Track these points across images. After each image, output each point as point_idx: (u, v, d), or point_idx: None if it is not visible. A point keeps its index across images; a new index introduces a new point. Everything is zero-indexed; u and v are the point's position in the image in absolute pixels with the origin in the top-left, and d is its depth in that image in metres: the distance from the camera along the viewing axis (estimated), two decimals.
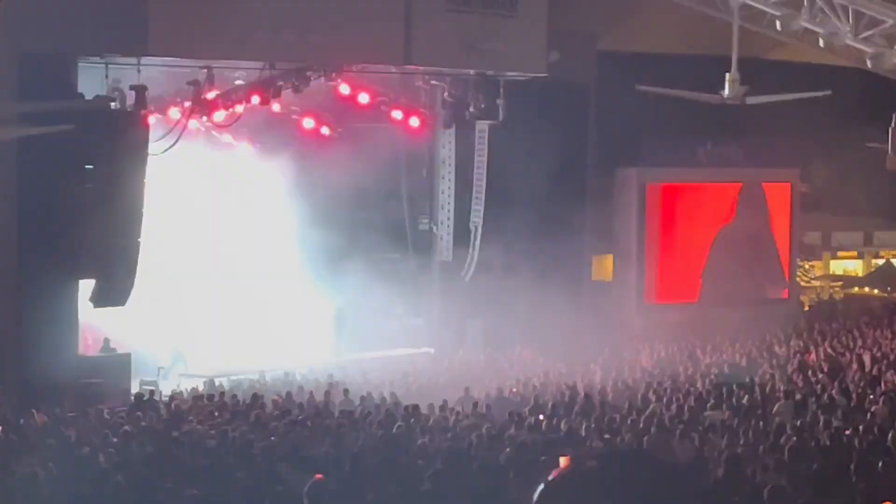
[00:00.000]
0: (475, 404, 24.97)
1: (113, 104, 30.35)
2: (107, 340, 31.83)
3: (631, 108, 38.47)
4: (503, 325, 34.94)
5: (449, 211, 38.89)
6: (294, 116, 35.32)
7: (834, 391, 25.85)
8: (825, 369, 30.55)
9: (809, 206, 47.76)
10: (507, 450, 18.18)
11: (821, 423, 21.36)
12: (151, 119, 31.14)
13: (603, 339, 35.82)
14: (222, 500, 15.83)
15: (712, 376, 29.90)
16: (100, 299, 30.43)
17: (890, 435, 19.25)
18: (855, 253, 53.60)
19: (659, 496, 10.97)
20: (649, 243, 42.14)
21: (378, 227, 36.16)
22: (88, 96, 30.06)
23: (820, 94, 33.11)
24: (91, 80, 30.57)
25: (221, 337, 34.84)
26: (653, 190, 42.22)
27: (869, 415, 22.52)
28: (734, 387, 26.47)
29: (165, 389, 30.04)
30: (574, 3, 36.91)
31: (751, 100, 31.78)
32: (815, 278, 51.83)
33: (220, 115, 32.53)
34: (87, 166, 29.90)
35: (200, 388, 30.22)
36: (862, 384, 27.28)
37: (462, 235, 38.35)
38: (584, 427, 20.99)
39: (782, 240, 44.45)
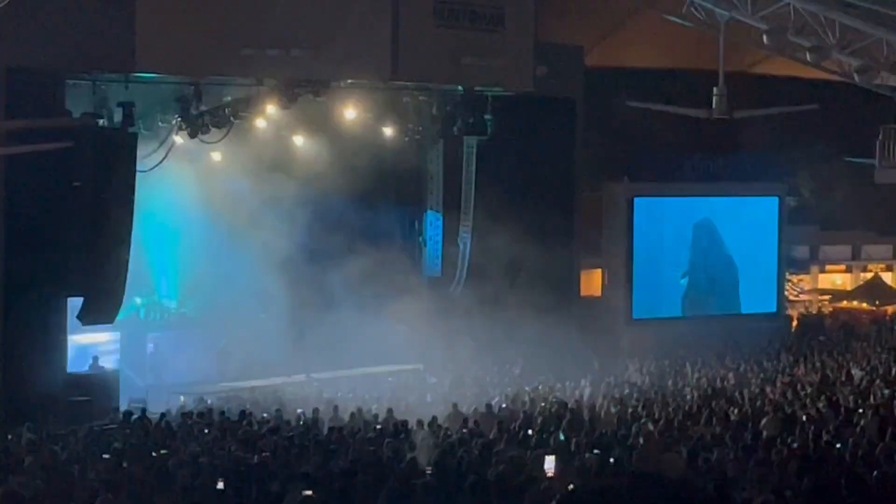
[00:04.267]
0: (465, 420, 24.93)
1: (101, 121, 30.32)
2: (95, 358, 31.74)
3: (618, 122, 38.58)
4: (492, 341, 34.88)
5: (437, 226, 38.90)
6: (281, 132, 35.27)
7: (823, 405, 25.85)
8: (814, 383, 30.56)
9: (797, 220, 47.82)
10: (497, 465, 18.13)
11: (811, 438, 21.35)
12: (139, 136, 31.12)
13: (592, 354, 35.82)
14: None
15: (701, 390, 29.92)
16: (88, 316, 30.37)
17: (879, 448, 19.25)
18: (843, 267, 53.63)
19: None
20: (637, 257, 42.13)
21: (366, 242, 36.08)
22: (76, 113, 30.00)
23: (807, 107, 33.19)
24: (79, 97, 30.53)
25: (211, 352, 34.83)
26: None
27: (859, 429, 22.50)
28: (723, 401, 26.52)
29: (154, 407, 29.93)
30: (561, 18, 36.98)
31: (738, 114, 31.89)
32: (804, 292, 51.85)
33: (207, 132, 32.52)
34: (74, 183, 29.85)
35: (189, 405, 30.13)
36: (851, 398, 27.29)
37: (451, 251, 38.37)
38: (573, 442, 20.95)
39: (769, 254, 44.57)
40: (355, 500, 16.60)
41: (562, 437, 21.76)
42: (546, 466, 18.01)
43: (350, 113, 34.74)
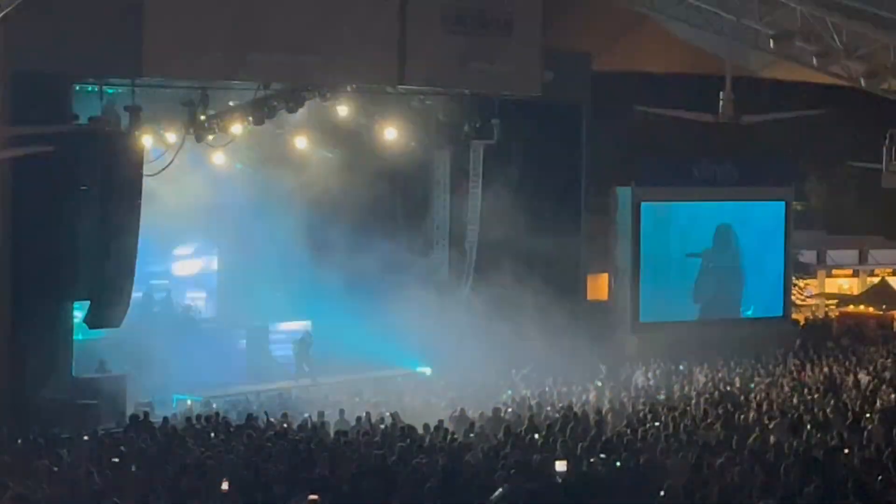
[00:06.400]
0: (471, 424, 24.94)
1: (107, 125, 30.34)
2: (101, 361, 31.76)
3: (625, 127, 38.58)
4: (499, 345, 34.87)
5: (444, 230, 38.89)
6: (288, 137, 35.29)
7: (830, 409, 25.83)
8: (821, 387, 30.54)
9: (804, 225, 47.81)
10: (504, 469, 18.15)
11: (817, 443, 21.34)
12: (145, 140, 31.15)
13: (599, 358, 35.80)
14: None
15: (708, 394, 29.92)
16: (94, 321, 30.41)
17: (886, 453, 19.25)
18: (850, 271, 53.63)
19: None
20: (644, 262, 42.09)
21: (373, 246, 36.13)
22: (83, 117, 30.03)
23: (814, 112, 33.16)
24: (86, 101, 30.57)
25: (214, 357, 34.85)
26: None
27: (865, 433, 22.50)
28: (730, 405, 26.51)
29: (161, 411, 29.96)
30: (568, 23, 36.99)
31: (745, 118, 31.86)
32: (810, 296, 51.86)
33: (214, 136, 32.54)
34: (81, 187, 29.88)
35: (196, 410, 30.14)
36: (858, 402, 27.27)
37: (457, 255, 38.36)
38: (579, 446, 20.96)
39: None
40: None
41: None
42: (557, 471, 18.08)
43: (357, 118, 34.78)
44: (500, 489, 16.01)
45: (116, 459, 20.30)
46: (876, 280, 51.67)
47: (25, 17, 26.96)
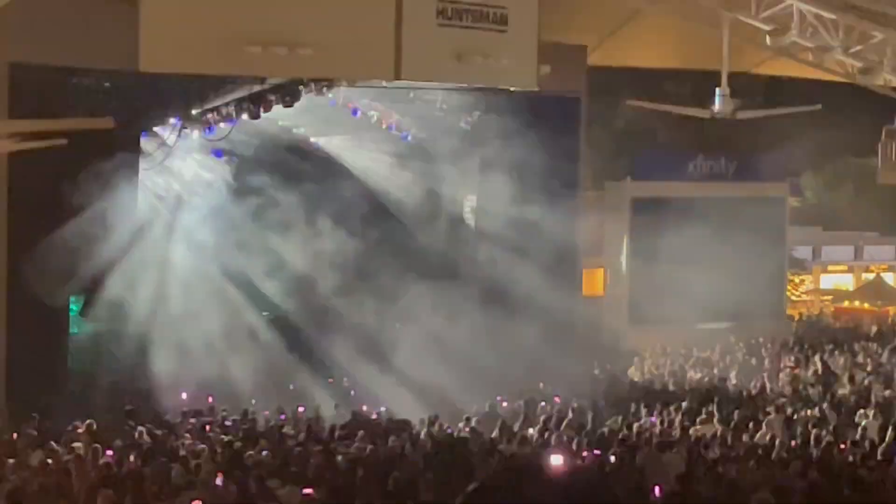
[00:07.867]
0: (466, 419, 24.95)
1: (104, 119, 30.24)
2: (98, 355, 31.71)
3: (621, 122, 38.57)
4: (494, 339, 34.87)
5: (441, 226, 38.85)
6: (284, 131, 35.26)
7: (825, 405, 25.89)
8: (815, 383, 30.60)
9: (800, 220, 47.87)
10: (499, 464, 18.19)
11: (812, 437, 21.39)
12: (141, 134, 31.11)
13: (594, 353, 35.81)
14: None
15: (703, 390, 29.96)
16: (92, 315, 30.39)
17: (881, 449, 19.31)
18: (845, 267, 53.68)
19: None
20: (640, 257, 42.11)
21: (370, 240, 36.13)
22: (80, 110, 29.95)
23: (809, 108, 33.14)
24: (82, 94, 30.51)
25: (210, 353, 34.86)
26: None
27: (860, 429, 22.56)
28: (725, 400, 26.58)
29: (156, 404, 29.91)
30: (565, 17, 36.92)
31: (741, 114, 31.91)
32: (806, 292, 51.90)
33: (210, 130, 32.52)
34: (78, 181, 29.83)
35: (191, 402, 30.10)
36: (853, 398, 27.34)
37: (452, 249, 38.32)
38: (574, 441, 20.99)
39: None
40: (356, 499, 16.65)
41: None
42: (553, 465, 18.11)
43: (354, 112, 34.79)
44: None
45: (111, 452, 20.31)
46: (871, 276, 51.73)
47: (22, 9, 26.90)
